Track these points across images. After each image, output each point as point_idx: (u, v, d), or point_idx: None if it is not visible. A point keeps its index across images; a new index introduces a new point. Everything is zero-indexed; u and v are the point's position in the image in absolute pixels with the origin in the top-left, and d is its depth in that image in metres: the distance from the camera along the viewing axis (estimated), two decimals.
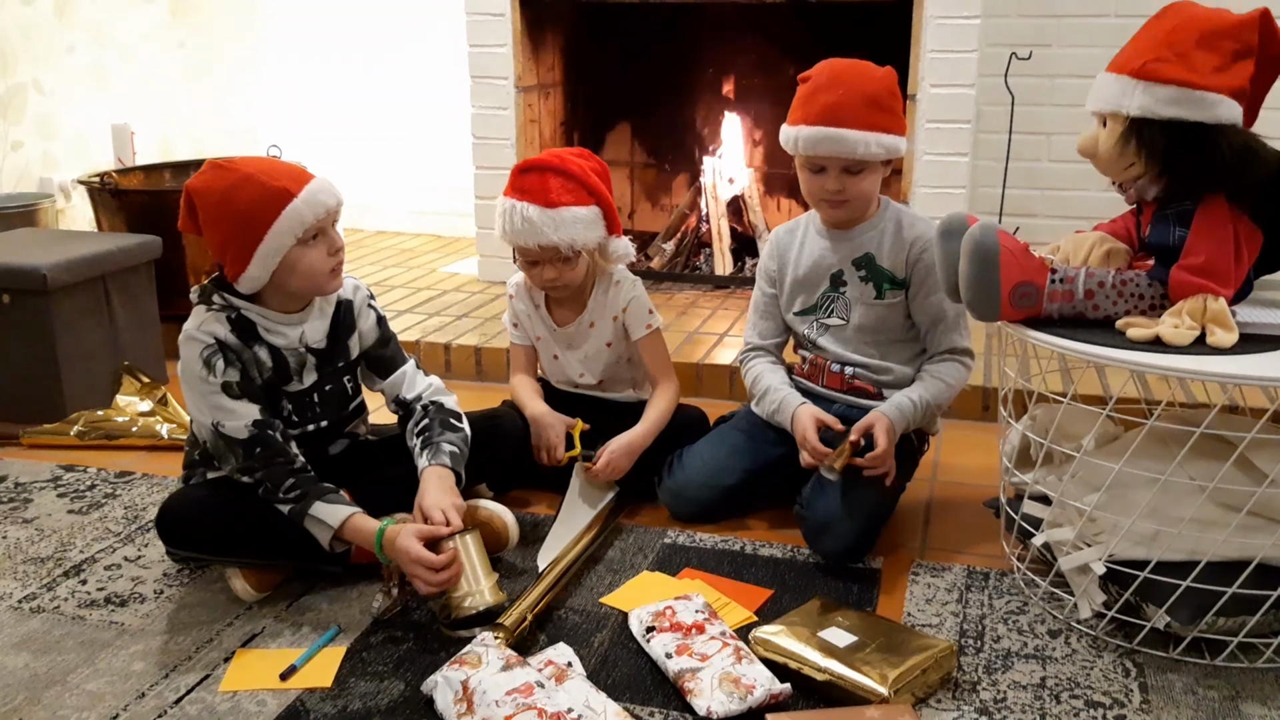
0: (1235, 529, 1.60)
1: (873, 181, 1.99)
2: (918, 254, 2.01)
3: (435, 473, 1.82)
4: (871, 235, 2.04)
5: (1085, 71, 3.30)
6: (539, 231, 2.06)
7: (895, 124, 1.94)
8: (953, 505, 2.21)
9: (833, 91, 1.91)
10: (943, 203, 3.11)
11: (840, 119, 1.90)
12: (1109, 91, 1.65)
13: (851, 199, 1.98)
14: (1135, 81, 1.60)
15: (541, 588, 1.79)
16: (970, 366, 2.05)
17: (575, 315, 2.25)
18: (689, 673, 1.55)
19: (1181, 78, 1.57)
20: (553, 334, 2.28)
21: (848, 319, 2.06)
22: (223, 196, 1.72)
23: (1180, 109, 1.58)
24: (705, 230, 3.68)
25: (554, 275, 2.14)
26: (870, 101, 1.91)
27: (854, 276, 2.05)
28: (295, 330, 1.85)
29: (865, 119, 1.90)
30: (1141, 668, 1.64)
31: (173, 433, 2.53)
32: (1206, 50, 1.57)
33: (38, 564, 1.97)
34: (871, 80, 1.93)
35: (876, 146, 1.92)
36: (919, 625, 1.76)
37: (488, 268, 3.64)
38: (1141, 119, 1.61)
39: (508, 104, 3.44)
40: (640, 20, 3.66)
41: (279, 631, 1.75)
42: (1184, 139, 1.59)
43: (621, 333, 2.25)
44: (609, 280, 2.23)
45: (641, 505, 2.19)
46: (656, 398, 2.24)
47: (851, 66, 1.96)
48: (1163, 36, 1.60)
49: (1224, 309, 1.60)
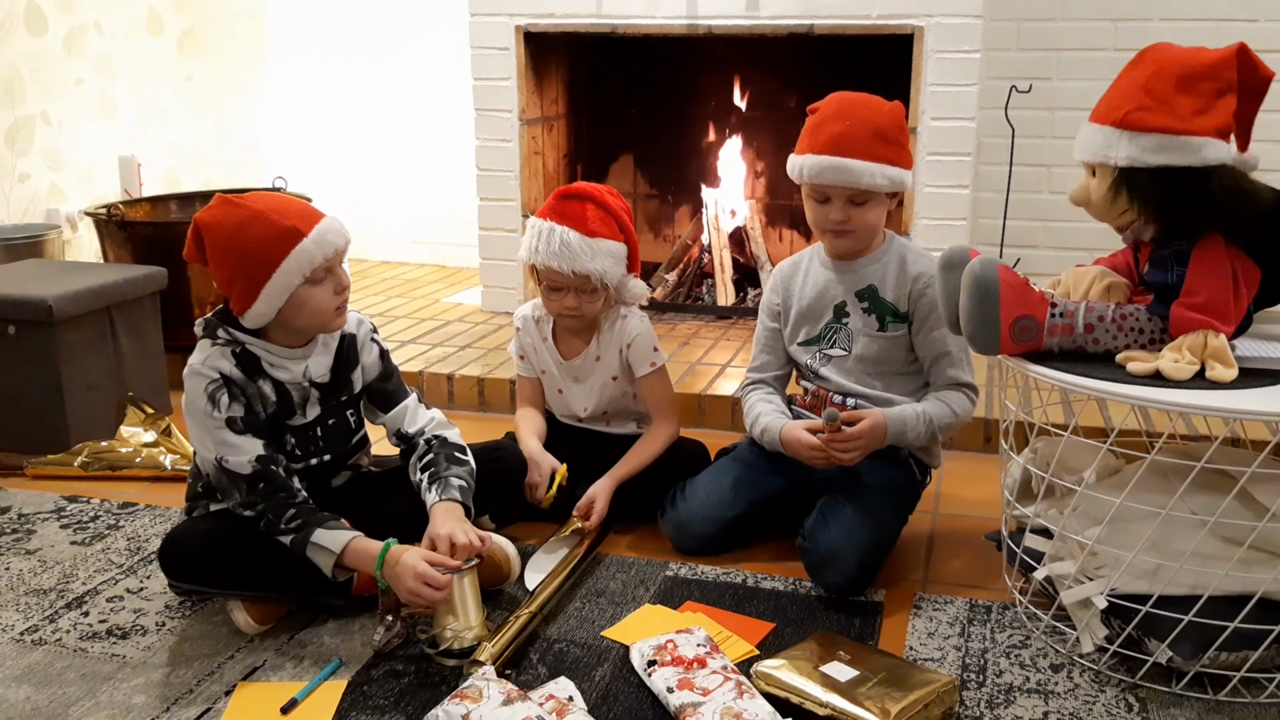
0: (1237, 563, 1.60)
1: (877, 213, 2.00)
2: (921, 289, 2.02)
3: (444, 507, 1.83)
4: (875, 268, 2.05)
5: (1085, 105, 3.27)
6: (575, 257, 2.07)
7: (901, 157, 1.96)
8: (955, 538, 2.21)
9: (840, 122, 1.94)
10: (943, 235, 3.12)
11: (846, 149, 1.92)
12: (1095, 142, 1.66)
13: (856, 229, 2.00)
14: (1119, 132, 1.61)
15: (520, 623, 1.78)
16: (974, 400, 2.05)
17: (583, 348, 2.25)
18: (690, 707, 1.54)
19: (1164, 125, 1.58)
20: (559, 367, 2.28)
21: (850, 350, 2.07)
22: (232, 232, 1.74)
23: (1167, 155, 1.58)
24: (707, 261, 3.70)
25: (575, 305, 2.14)
26: (877, 133, 1.93)
27: (857, 308, 2.06)
28: (299, 365, 1.85)
29: (871, 150, 1.92)
30: (1144, 703, 1.63)
31: (176, 464, 2.54)
32: (1186, 94, 1.58)
33: (40, 596, 1.97)
34: (879, 113, 1.96)
35: (881, 178, 1.93)
36: (921, 659, 1.75)
37: (491, 298, 3.65)
38: (1130, 168, 1.61)
39: (511, 136, 3.47)
40: (643, 52, 3.69)
41: (280, 664, 1.75)
42: (1174, 184, 1.59)
43: (626, 367, 2.25)
44: (616, 314, 2.24)
45: (643, 536, 2.19)
46: (649, 436, 2.24)
47: (860, 99, 1.99)
48: (1141, 83, 1.61)
49: (1224, 345, 1.60)
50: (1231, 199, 1.59)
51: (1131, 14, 3.31)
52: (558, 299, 2.16)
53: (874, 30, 3.08)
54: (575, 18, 3.31)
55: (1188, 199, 1.60)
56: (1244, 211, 1.60)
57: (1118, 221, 1.71)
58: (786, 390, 2.21)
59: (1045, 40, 3.40)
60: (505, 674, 1.68)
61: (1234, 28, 3.19)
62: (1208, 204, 1.59)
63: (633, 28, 3.28)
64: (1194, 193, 1.59)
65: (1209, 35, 1.75)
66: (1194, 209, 1.60)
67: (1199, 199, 1.59)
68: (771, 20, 3.14)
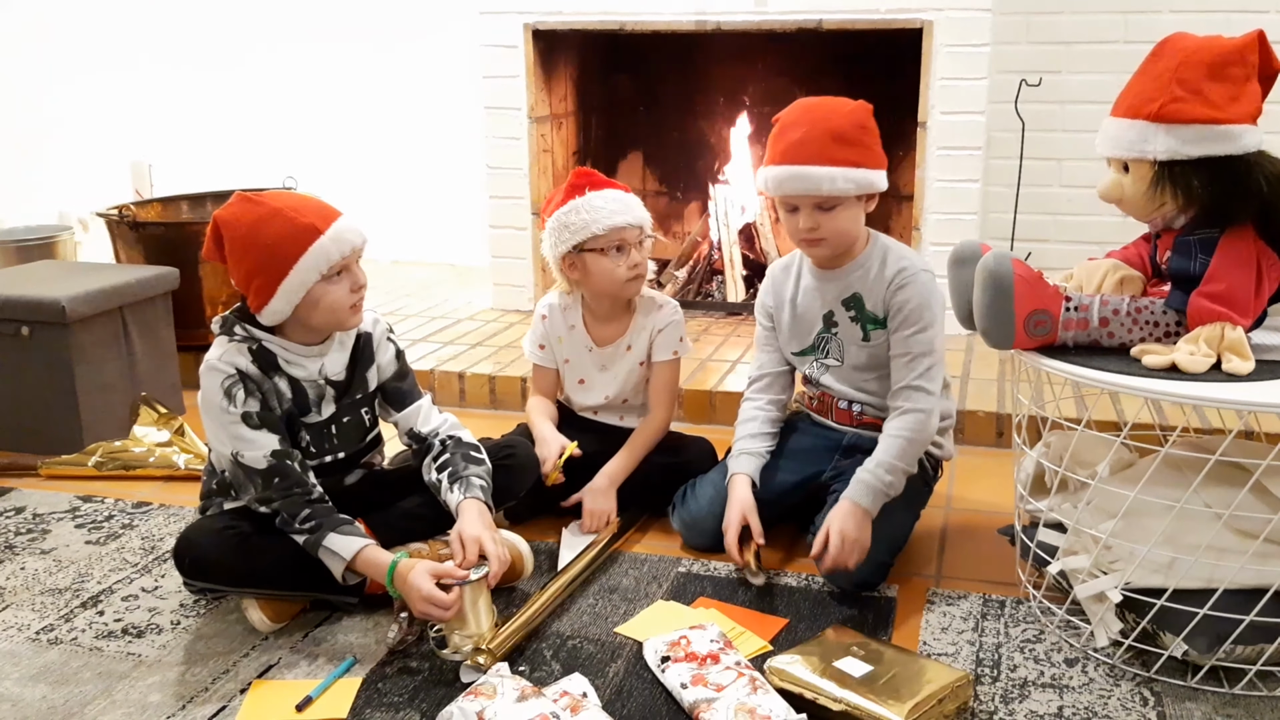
0: (1252, 556, 1.59)
1: (848, 218, 1.93)
2: (895, 289, 1.96)
3: (475, 507, 1.84)
4: (859, 275, 2.01)
5: (1095, 98, 3.32)
6: (630, 207, 2.18)
7: (866, 158, 1.89)
8: (968, 533, 2.21)
9: (797, 129, 1.88)
10: (954, 229, 3.12)
11: (804, 156, 1.87)
12: (1127, 138, 1.63)
13: (827, 236, 1.94)
14: (1155, 125, 1.59)
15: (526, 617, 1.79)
16: (927, 410, 1.94)
17: (616, 335, 2.27)
18: (704, 703, 1.54)
19: (1202, 115, 1.56)
20: (588, 354, 2.29)
21: (843, 359, 2.06)
22: (250, 229, 1.74)
23: (1207, 145, 1.57)
24: (717, 258, 3.70)
25: (639, 259, 2.20)
26: (836, 137, 1.86)
27: (844, 317, 2.03)
28: (315, 362, 1.86)
29: (830, 155, 1.86)
30: (1159, 696, 1.63)
31: (190, 463, 2.55)
32: (1218, 82, 1.57)
33: (55, 595, 1.98)
34: (837, 115, 1.89)
35: (844, 182, 1.87)
36: (935, 654, 1.75)
37: (501, 296, 3.65)
38: (1170, 161, 1.60)
39: (521, 134, 3.47)
40: (652, 49, 3.69)
41: (295, 662, 1.75)
42: (1216, 174, 1.58)
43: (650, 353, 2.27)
44: (651, 302, 2.27)
45: (655, 533, 2.20)
46: (645, 427, 2.26)
47: (820, 103, 1.93)
48: (1170, 75, 1.59)
49: (1241, 338, 1.59)
50: (1274, 187, 1.58)
51: (1141, 6, 3.30)
52: (623, 261, 2.17)
53: (883, 25, 3.07)
54: (584, 15, 3.31)
55: (1232, 188, 1.58)
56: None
57: (1154, 215, 1.68)
58: (792, 386, 2.20)
59: (1055, 33, 3.39)
60: (519, 671, 1.68)
61: (1244, 19, 3.18)
62: (1252, 192, 1.58)
63: (641, 24, 3.28)
64: (1238, 182, 1.58)
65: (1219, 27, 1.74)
66: (1237, 198, 1.59)
67: (1243, 188, 1.58)
68: (780, 15, 3.13)
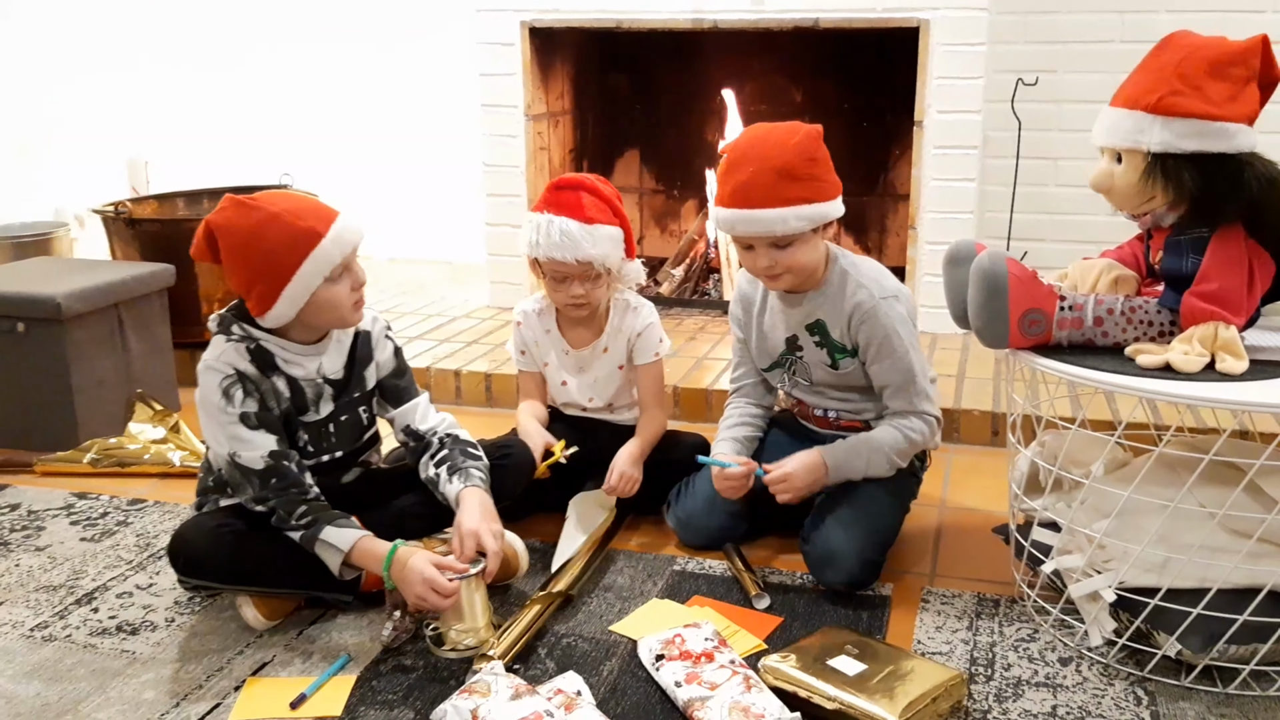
0: (1246, 555, 1.59)
1: (806, 251, 1.89)
2: (857, 324, 1.94)
3: (476, 495, 1.85)
4: (820, 301, 1.98)
5: (1092, 97, 3.32)
6: (578, 245, 2.08)
7: (817, 191, 1.84)
8: (962, 531, 2.21)
9: (744, 169, 1.83)
10: (950, 228, 3.12)
11: (753, 199, 1.82)
12: (1123, 128, 1.63)
13: (786, 271, 1.90)
14: (1152, 117, 1.59)
15: (528, 619, 1.79)
16: (930, 425, 1.97)
17: (591, 339, 2.27)
18: (698, 701, 1.55)
19: (1200, 110, 1.56)
20: (565, 357, 2.29)
21: (810, 380, 2.06)
22: (248, 235, 1.71)
23: (1202, 141, 1.57)
24: (713, 256, 3.70)
25: (581, 292, 2.15)
26: (783, 174, 1.81)
27: (809, 341, 2.02)
28: (313, 361, 1.86)
29: (778, 195, 1.81)
30: (1153, 696, 1.63)
31: (185, 460, 2.55)
32: (1218, 80, 1.57)
33: (50, 592, 1.98)
34: (784, 150, 1.82)
35: (796, 220, 1.82)
36: (929, 653, 1.75)
37: (498, 294, 3.65)
38: (1163, 154, 1.60)
39: (517, 131, 3.47)
40: (648, 48, 3.68)
41: (289, 660, 1.75)
42: (1208, 170, 1.58)
43: (631, 356, 2.27)
44: (625, 305, 2.26)
45: (650, 531, 2.20)
46: (648, 421, 2.26)
47: (766, 137, 1.86)
48: (1172, 69, 1.59)
49: (1235, 337, 1.59)
50: (1264, 188, 1.58)
51: (1138, 6, 3.29)
52: (564, 290, 2.17)
53: (879, 23, 3.07)
54: (581, 12, 3.31)
55: (1222, 186, 1.59)
56: (1275, 202, 1.59)
57: (1142, 208, 1.68)
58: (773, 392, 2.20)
59: (1051, 33, 3.39)
60: (514, 669, 1.68)
61: (1241, 19, 3.18)
62: (1242, 192, 1.58)
63: (638, 22, 3.27)
64: (1229, 180, 1.58)
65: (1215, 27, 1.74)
66: (1227, 196, 1.59)
67: (1234, 186, 1.58)
68: (776, 14, 3.13)
